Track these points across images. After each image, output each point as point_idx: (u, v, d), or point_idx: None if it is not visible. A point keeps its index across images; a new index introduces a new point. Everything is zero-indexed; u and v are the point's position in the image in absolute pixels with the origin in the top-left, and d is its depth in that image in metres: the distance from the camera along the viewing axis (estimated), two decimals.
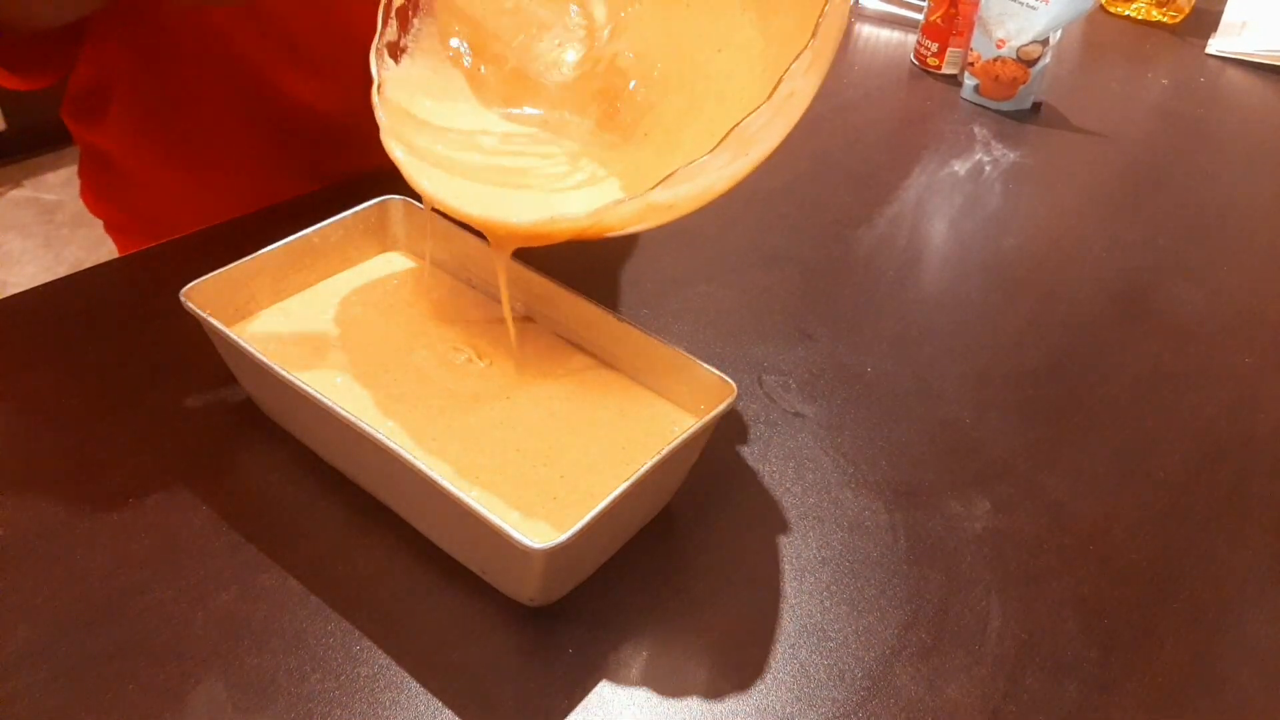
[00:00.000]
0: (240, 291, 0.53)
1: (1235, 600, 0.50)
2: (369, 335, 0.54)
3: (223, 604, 0.44)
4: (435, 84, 0.54)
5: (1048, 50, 0.94)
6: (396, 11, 0.52)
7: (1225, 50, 1.15)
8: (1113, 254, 0.77)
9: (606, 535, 0.46)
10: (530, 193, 0.51)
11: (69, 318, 0.59)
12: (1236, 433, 0.61)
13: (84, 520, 0.47)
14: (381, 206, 0.58)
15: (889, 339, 0.65)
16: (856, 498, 0.53)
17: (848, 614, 0.47)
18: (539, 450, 0.49)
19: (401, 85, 0.53)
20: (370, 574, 0.46)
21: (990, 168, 0.88)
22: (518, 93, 0.56)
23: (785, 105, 0.43)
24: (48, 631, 0.43)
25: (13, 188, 2.15)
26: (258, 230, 0.57)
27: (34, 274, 1.95)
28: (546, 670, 0.43)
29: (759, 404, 0.58)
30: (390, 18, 0.52)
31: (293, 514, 0.49)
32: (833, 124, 0.93)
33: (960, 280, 0.73)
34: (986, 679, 0.45)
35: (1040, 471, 0.56)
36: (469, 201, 0.48)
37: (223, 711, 0.41)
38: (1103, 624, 0.48)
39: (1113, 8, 1.25)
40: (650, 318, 0.64)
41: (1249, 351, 0.68)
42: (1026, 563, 0.51)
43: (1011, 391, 0.62)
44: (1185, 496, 0.56)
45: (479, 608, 0.45)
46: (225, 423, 0.53)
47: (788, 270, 0.71)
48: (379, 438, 0.42)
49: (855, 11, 1.18)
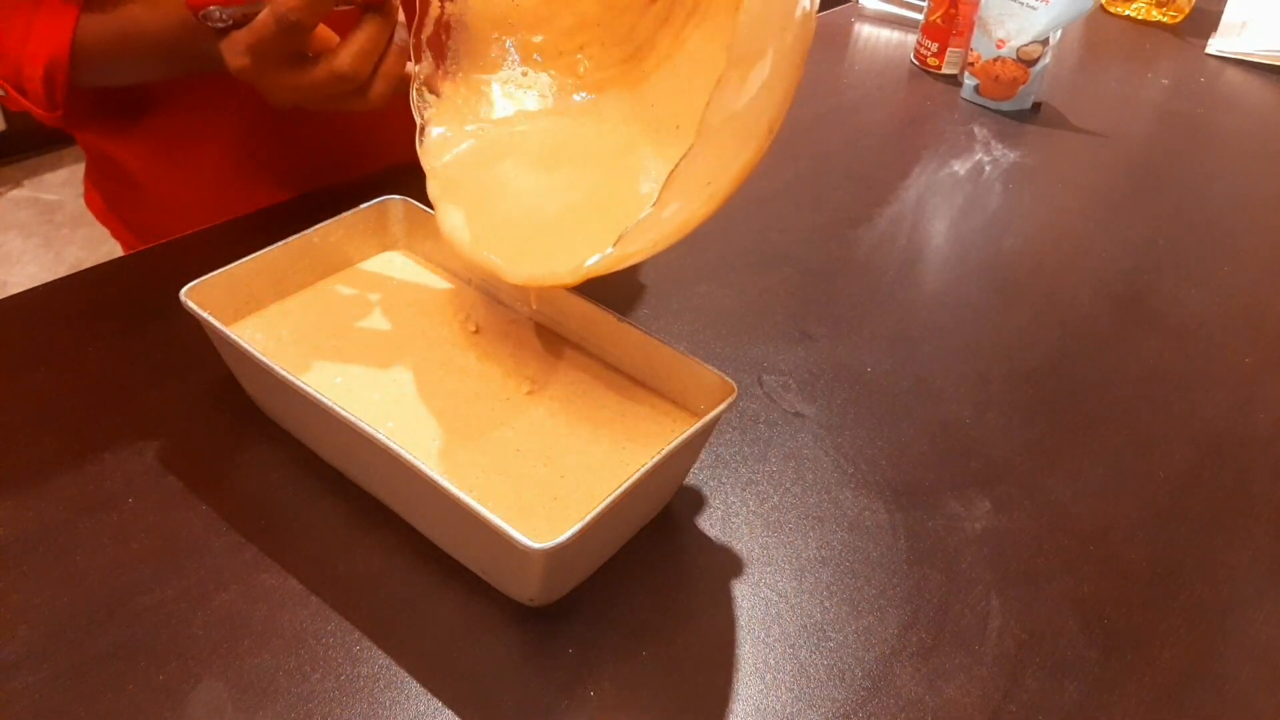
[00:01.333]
0: (240, 291, 0.53)
1: (1235, 600, 0.50)
2: (369, 335, 0.54)
3: (223, 604, 0.44)
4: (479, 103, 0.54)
5: (1048, 50, 0.94)
6: (429, 42, 0.52)
7: (1225, 50, 1.15)
8: (1113, 254, 0.77)
9: (606, 535, 0.46)
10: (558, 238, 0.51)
11: (69, 318, 0.59)
12: (1236, 433, 0.61)
13: (84, 520, 0.47)
14: (381, 206, 0.58)
15: (889, 339, 0.65)
16: (856, 498, 0.53)
17: (848, 614, 0.47)
18: (539, 450, 0.49)
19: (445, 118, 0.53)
20: (370, 574, 0.46)
21: (990, 168, 0.88)
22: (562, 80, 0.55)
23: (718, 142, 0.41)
24: (48, 631, 0.43)
25: (13, 188, 2.16)
26: (258, 230, 0.57)
27: (34, 274, 1.95)
28: (546, 670, 0.43)
29: (759, 404, 0.58)
30: (424, 50, 0.51)
31: (293, 514, 0.49)
32: (833, 124, 0.93)
33: (960, 280, 0.73)
34: (986, 679, 0.45)
35: (1040, 471, 0.56)
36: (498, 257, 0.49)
37: (223, 711, 0.41)
38: (1103, 624, 0.48)
39: (1113, 8, 1.25)
40: (650, 318, 0.64)
41: (1249, 351, 0.68)
42: (1026, 563, 0.51)
43: (1011, 391, 0.62)
44: (1185, 496, 0.56)
45: (479, 608, 0.45)
46: (225, 423, 0.53)
47: (788, 270, 0.71)
48: (379, 438, 0.42)
49: (855, 11, 1.18)
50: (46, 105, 0.61)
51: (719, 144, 0.40)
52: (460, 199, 0.51)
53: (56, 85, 0.60)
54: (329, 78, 0.50)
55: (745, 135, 0.42)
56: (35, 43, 0.58)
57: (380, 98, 0.52)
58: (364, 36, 0.50)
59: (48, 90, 0.60)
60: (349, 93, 0.51)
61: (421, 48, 0.52)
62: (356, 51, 0.50)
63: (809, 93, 0.99)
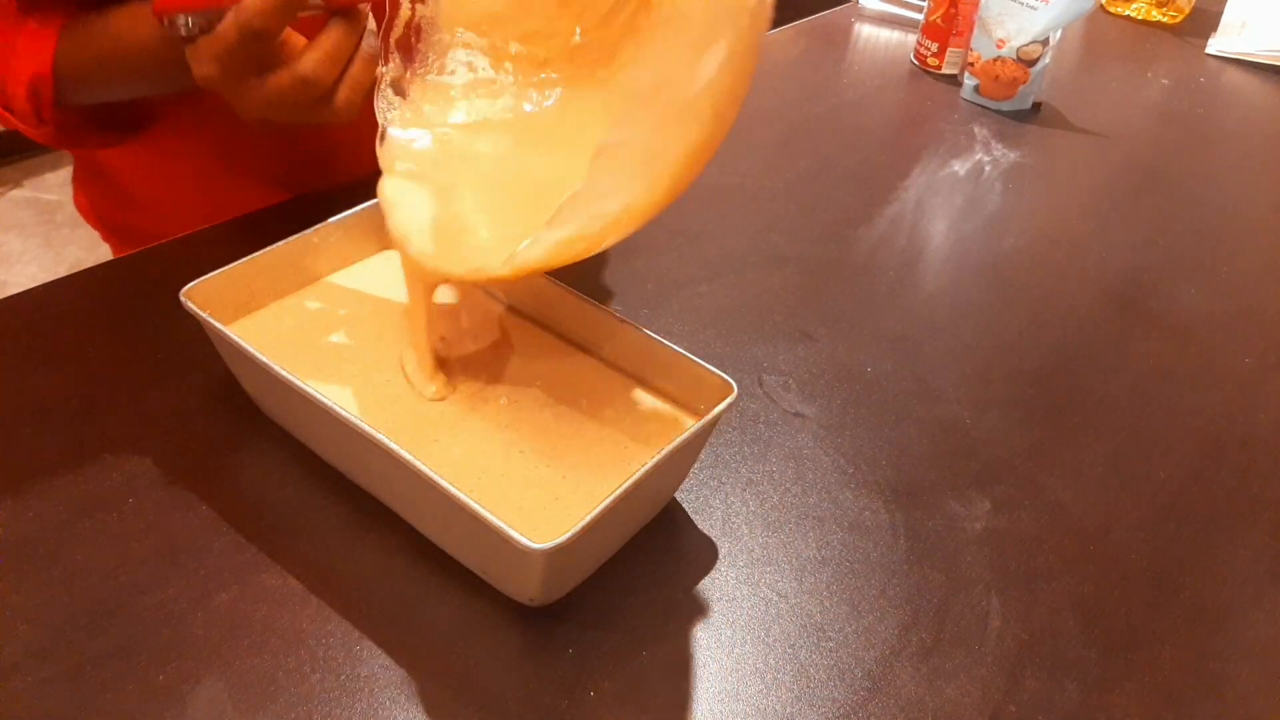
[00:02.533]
0: (240, 291, 0.53)
1: (1235, 600, 0.50)
2: (369, 335, 0.54)
3: (223, 604, 0.44)
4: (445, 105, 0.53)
5: (1048, 50, 0.94)
6: (398, 44, 0.50)
7: (1225, 50, 1.15)
8: (1113, 254, 0.77)
9: (606, 535, 0.46)
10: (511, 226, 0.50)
11: (69, 318, 0.59)
12: (1236, 433, 0.61)
13: (84, 520, 0.47)
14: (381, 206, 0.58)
15: (889, 339, 0.65)
16: (856, 498, 0.53)
17: (848, 614, 0.47)
18: (540, 450, 0.49)
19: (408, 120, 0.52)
20: (370, 574, 0.46)
21: (990, 168, 0.88)
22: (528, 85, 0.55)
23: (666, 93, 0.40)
24: (48, 631, 0.43)
25: (13, 188, 2.16)
26: (258, 230, 0.57)
27: (34, 274, 1.95)
28: (546, 670, 0.43)
29: (759, 404, 0.58)
30: (391, 52, 0.50)
31: (293, 514, 0.49)
32: (833, 124, 0.93)
33: (960, 280, 0.73)
34: (986, 679, 0.45)
35: (1040, 471, 0.56)
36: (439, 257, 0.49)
37: (223, 711, 0.41)
38: (1103, 624, 0.48)
39: (1113, 8, 1.25)
40: (650, 318, 0.64)
41: (1249, 351, 0.68)
42: (1026, 563, 0.51)
43: (1011, 391, 0.62)
44: (1185, 496, 0.56)
45: (479, 608, 0.45)
46: (225, 423, 0.53)
47: (788, 270, 0.71)
48: (379, 438, 0.42)
49: (856, 11, 1.18)
50: (34, 122, 0.61)
51: (653, 116, 0.39)
52: (412, 199, 0.51)
53: (43, 101, 0.60)
54: (291, 82, 0.48)
55: (685, 113, 0.40)
56: (19, 60, 0.58)
57: (347, 106, 0.50)
58: (329, 41, 0.48)
59: (34, 106, 0.60)
60: (314, 100, 0.49)
61: (390, 49, 0.51)
62: (320, 56, 0.48)
63: (809, 93, 0.99)
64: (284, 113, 0.50)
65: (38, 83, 0.59)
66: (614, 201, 0.42)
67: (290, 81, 0.48)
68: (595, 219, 0.42)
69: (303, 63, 0.48)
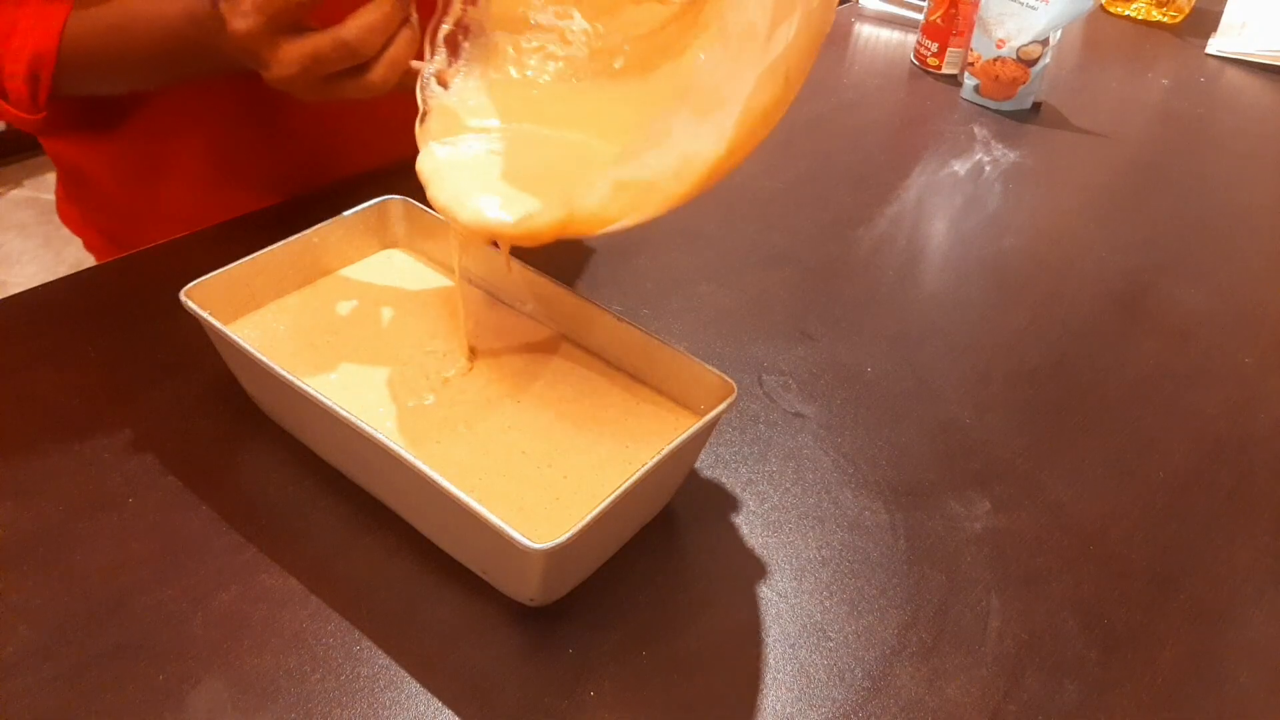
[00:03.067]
0: (240, 291, 0.53)
1: (1235, 600, 0.50)
2: (370, 334, 0.54)
3: (223, 604, 0.44)
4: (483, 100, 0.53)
5: (1048, 50, 0.94)
6: (446, 40, 0.50)
7: (1225, 50, 1.15)
8: (1113, 254, 0.77)
9: (607, 535, 0.46)
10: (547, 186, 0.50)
11: (69, 318, 0.59)
12: (1236, 433, 0.61)
13: (84, 520, 0.47)
14: (381, 206, 0.58)
15: (889, 339, 0.65)
16: (856, 498, 0.53)
17: (848, 614, 0.47)
18: (541, 450, 0.49)
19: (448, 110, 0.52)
20: (370, 574, 0.46)
21: (990, 168, 0.88)
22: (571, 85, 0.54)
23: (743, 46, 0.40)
24: (48, 631, 0.43)
25: (13, 188, 2.15)
26: (258, 230, 0.57)
27: (34, 274, 1.95)
28: (546, 670, 0.43)
29: (759, 404, 0.58)
30: (438, 46, 0.50)
31: (293, 514, 0.49)
32: (833, 124, 0.93)
33: (960, 280, 0.73)
34: (986, 679, 0.45)
35: (1040, 471, 0.56)
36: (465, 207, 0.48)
37: (223, 711, 0.41)
38: (1103, 624, 0.48)
39: (1113, 8, 1.25)
40: (650, 318, 0.64)
41: (1249, 351, 0.68)
42: (1026, 563, 0.51)
43: (1011, 391, 0.62)
44: (1185, 496, 0.56)
45: (479, 608, 0.45)
46: (225, 423, 0.53)
47: (788, 270, 0.71)
48: (379, 438, 0.42)
49: (855, 11, 1.18)
50: (29, 106, 0.58)
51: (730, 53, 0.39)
52: (459, 167, 0.50)
53: (41, 84, 0.57)
54: (333, 45, 0.47)
55: (758, 65, 0.40)
56: (20, 37, 0.56)
57: (381, 82, 0.49)
58: (377, 12, 0.47)
59: (31, 89, 0.57)
60: (349, 71, 0.49)
61: (437, 44, 0.51)
62: (366, 24, 0.47)
63: (809, 93, 0.99)
64: (316, 79, 0.49)
65: (39, 62, 0.56)
66: (679, 145, 0.41)
67: (331, 44, 0.47)
68: (656, 166, 0.42)
69: (347, 27, 0.47)
